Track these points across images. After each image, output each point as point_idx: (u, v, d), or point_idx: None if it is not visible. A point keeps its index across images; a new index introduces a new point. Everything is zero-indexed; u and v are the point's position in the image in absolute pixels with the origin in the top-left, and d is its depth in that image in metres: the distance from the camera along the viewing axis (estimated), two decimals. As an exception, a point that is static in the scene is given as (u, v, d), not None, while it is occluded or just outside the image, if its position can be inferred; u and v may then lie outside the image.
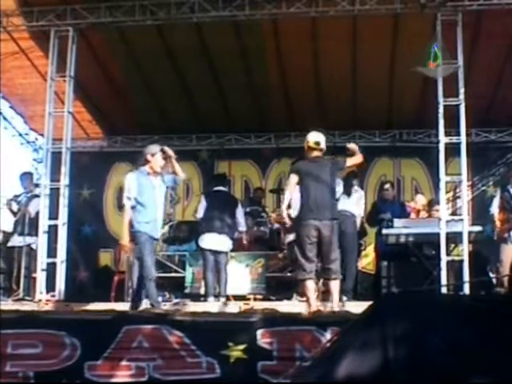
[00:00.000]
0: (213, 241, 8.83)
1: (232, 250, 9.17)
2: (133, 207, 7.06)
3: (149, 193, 7.08)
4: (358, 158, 7.27)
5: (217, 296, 8.75)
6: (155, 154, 7.12)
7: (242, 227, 9.25)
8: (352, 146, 7.29)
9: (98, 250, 12.05)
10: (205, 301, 8.63)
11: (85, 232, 12.11)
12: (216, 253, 8.83)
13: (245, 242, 9.43)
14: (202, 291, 9.32)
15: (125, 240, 7.02)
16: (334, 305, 6.74)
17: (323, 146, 7.09)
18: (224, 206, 8.97)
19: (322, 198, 6.90)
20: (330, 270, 6.81)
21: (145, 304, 7.89)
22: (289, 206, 8.77)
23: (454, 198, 10.40)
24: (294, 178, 7.04)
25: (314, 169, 7.00)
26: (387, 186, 9.73)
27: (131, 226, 7.04)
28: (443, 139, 8.15)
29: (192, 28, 9.15)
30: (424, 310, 4.23)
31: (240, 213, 9.18)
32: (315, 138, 7.08)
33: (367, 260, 10.38)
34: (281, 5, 8.46)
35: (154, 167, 7.11)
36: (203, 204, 9.08)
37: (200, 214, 9.05)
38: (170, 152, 7.20)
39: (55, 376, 5.30)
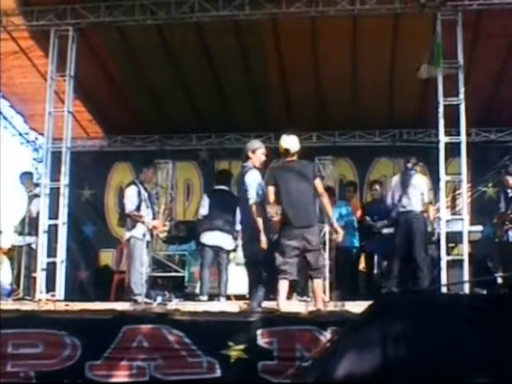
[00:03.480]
0: (216, 238, 8.84)
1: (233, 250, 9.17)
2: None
3: (261, 189, 6.92)
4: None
5: (216, 295, 8.77)
6: (256, 150, 7.00)
7: None
8: None
9: (99, 250, 12.04)
10: (198, 300, 8.63)
11: (85, 232, 12.10)
12: (218, 250, 8.84)
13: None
14: (198, 290, 9.32)
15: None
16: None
17: (294, 149, 6.96)
18: (226, 205, 8.87)
19: (303, 202, 6.72)
20: (316, 270, 6.83)
21: (144, 303, 7.91)
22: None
23: (454, 197, 10.40)
24: (271, 190, 6.81)
25: (287, 174, 6.84)
26: (376, 186, 10.08)
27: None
28: (443, 139, 8.16)
29: (192, 28, 9.15)
30: (424, 310, 4.24)
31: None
32: (285, 144, 6.97)
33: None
34: (281, 4, 8.47)
35: (255, 163, 6.96)
36: (206, 202, 9.09)
37: (205, 211, 9.03)
38: None
39: (56, 376, 5.29)
